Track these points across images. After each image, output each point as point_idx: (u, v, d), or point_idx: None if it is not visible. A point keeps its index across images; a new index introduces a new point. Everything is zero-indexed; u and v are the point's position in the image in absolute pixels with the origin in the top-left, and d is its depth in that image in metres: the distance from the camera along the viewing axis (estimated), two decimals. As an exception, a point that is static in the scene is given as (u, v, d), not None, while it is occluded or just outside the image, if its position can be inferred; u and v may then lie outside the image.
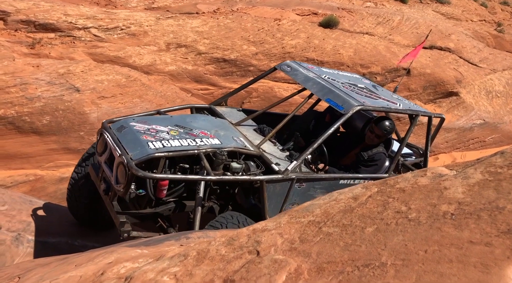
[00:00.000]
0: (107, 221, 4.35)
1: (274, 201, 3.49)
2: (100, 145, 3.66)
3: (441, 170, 1.48)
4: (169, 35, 8.57)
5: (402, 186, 1.45)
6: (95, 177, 3.78)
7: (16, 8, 7.63)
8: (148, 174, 3.16)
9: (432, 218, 1.21)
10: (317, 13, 10.90)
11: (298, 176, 3.54)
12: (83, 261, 2.43)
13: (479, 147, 10.31)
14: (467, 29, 13.67)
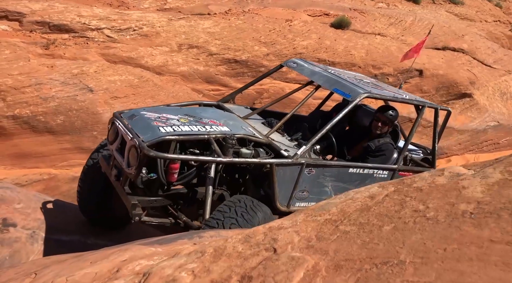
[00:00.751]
0: (118, 220, 4.38)
1: (284, 187, 3.49)
2: (112, 133, 3.67)
3: (459, 170, 1.47)
4: (181, 36, 8.62)
5: (419, 185, 1.44)
6: (106, 167, 3.75)
7: (31, 9, 7.75)
8: (160, 153, 3.17)
9: (450, 217, 1.20)
10: (329, 14, 10.88)
11: (308, 161, 3.55)
12: (98, 258, 2.46)
13: (492, 149, 10.18)
14: (481, 30, 13.52)
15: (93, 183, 4.08)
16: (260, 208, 3.21)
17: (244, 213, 3.06)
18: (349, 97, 3.79)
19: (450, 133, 9.87)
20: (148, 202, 3.39)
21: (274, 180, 3.43)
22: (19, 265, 3.21)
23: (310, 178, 3.65)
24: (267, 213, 3.27)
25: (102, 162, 3.86)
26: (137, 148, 3.20)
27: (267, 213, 3.28)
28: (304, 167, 3.55)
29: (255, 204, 3.19)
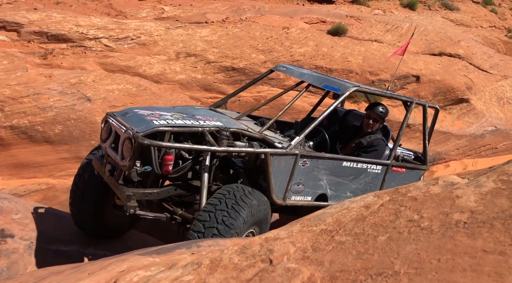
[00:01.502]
0: (113, 230, 4.35)
1: (279, 179, 3.50)
2: (105, 132, 3.65)
3: (453, 178, 1.48)
4: (178, 44, 8.66)
5: (414, 195, 1.45)
6: (99, 166, 3.71)
7: (29, 19, 7.78)
8: (154, 141, 3.16)
9: (444, 226, 1.21)
10: (326, 21, 10.94)
11: (302, 153, 3.60)
12: (95, 269, 2.46)
13: (490, 154, 10.20)
14: (477, 36, 13.60)
15: (85, 194, 4.04)
16: (252, 196, 3.18)
17: (235, 204, 3.06)
18: (339, 91, 3.90)
19: (448, 138, 9.90)
20: (143, 194, 3.33)
21: (269, 171, 3.42)
22: (17, 276, 3.20)
23: (305, 170, 3.66)
24: (261, 200, 3.25)
25: (95, 163, 3.81)
26: (131, 139, 3.17)
27: (261, 200, 3.27)
28: (299, 158, 3.58)
29: (246, 193, 3.17)
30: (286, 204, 3.65)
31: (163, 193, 3.42)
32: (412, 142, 9.57)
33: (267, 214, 3.37)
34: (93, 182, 3.99)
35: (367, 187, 4.20)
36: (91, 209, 4.09)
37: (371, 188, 4.23)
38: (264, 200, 3.30)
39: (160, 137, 3.30)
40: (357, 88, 3.96)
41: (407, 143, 9.48)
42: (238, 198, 3.09)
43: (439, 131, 9.77)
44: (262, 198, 3.26)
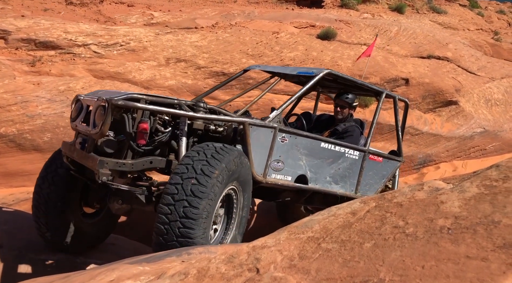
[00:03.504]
0: (86, 241, 4.00)
1: (259, 153, 3.47)
2: (74, 111, 3.51)
3: (438, 184, 1.49)
4: (168, 50, 8.65)
5: (399, 201, 1.46)
6: (68, 148, 3.47)
7: (17, 26, 7.72)
8: (129, 102, 3.07)
9: (429, 232, 1.22)
10: (315, 25, 11.01)
11: (280, 127, 3.63)
12: (85, 279, 2.44)
13: (480, 155, 10.31)
14: (464, 38, 13.76)
15: (50, 198, 3.70)
16: (231, 149, 3.09)
17: (215, 153, 2.95)
18: (313, 73, 4.05)
19: (438, 140, 9.98)
20: (116, 164, 3.10)
21: (248, 142, 3.38)
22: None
23: (284, 147, 3.68)
24: (240, 153, 3.16)
25: (64, 145, 3.57)
26: (104, 104, 3.06)
27: (241, 153, 3.18)
28: (277, 132, 3.58)
29: (225, 147, 3.08)
30: (267, 181, 3.58)
31: (137, 165, 3.18)
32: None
33: (245, 168, 3.24)
34: (59, 185, 3.68)
35: (346, 173, 4.23)
36: (59, 219, 3.73)
37: (349, 175, 4.26)
38: (239, 153, 3.17)
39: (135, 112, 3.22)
40: (330, 71, 4.11)
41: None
42: (209, 157, 2.92)
43: (429, 133, 9.86)
44: (235, 152, 3.12)
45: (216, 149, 2.97)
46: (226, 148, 3.04)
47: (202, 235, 2.84)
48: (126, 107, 3.09)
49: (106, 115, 3.03)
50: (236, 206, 3.32)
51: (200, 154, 2.92)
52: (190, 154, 2.96)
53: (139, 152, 3.22)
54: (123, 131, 3.20)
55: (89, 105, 3.37)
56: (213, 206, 2.91)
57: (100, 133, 3.08)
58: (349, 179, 4.30)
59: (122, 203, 3.46)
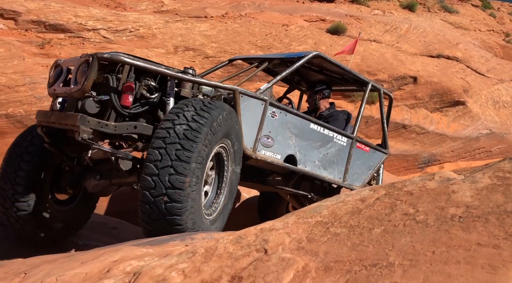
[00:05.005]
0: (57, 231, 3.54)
1: (249, 125, 3.34)
2: (53, 76, 3.24)
3: (449, 174, 1.49)
4: (177, 38, 8.63)
5: (409, 189, 1.46)
6: (44, 114, 3.16)
7: (27, 8, 7.72)
8: (114, 55, 2.88)
9: (440, 220, 1.22)
10: (325, 19, 10.95)
11: (271, 100, 3.56)
12: (88, 258, 2.45)
13: (485, 157, 10.27)
14: (475, 39, 13.65)
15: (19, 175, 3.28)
16: (214, 105, 2.83)
17: (195, 116, 2.69)
18: (302, 55, 4.00)
19: (443, 140, 9.95)
20: (98, 124, 2.83)
21: (238, 112, 3.24)
22: (9, 264, 3.19)
23: (274, 123, 3.61)
24: (224, 108, 2.91)
25: (38, 113, 3.25)
26: (89, 58, 2.86)
27: (225, 109, 2.92)
28: (268, 105, 3.50)
29: (207, 104, 2.80)
30: (256, 157, 3.46)
31: (121, 128, 2.91)
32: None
33: (235, 123, 3.05)
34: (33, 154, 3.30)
35: (334, 159, 4.20)
36: (28, 196, 3.29)
37: (337, 162, 4.23)
38: (228, 109, 2.97)
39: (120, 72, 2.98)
40: (319, 53, 4.09)
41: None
42: (191, 119, 2.67)
43: (435, 133, 9.82)
44: (225, 107, 2.92)
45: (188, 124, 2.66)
46: (204, 111, 2.75)
47: (191, 208, 2.61)
48: (112, 60, 2.88)
49: (90, 69, 2.82)
50: (227, 164, 3.11)
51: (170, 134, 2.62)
52: (160, 133, 2.66)
53: (123, 115, 2.95)
54: (107, 93, 2.94)
55: (70, 68, 3.13)
56: (202, 169, 2.67)
57: (82, 89, 2.84)
58: (337, 166, 4.25)
59: (100, 178, 3.23)
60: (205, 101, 2.83)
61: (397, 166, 9.53)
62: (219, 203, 3.11)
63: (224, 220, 3.20)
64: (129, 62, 2.90)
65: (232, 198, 3.23)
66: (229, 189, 3.15)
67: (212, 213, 3.05)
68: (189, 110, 2.70)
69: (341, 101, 9.36)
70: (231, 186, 3.17)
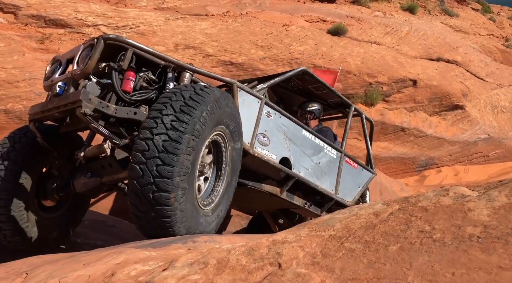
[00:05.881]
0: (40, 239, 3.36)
1: (246, 121, 3.30)
2: (50, 70, 3.21)
3: (464, 191, 1.49)
4: (177, 35, 8.59)
5: (424, 205, 1.45)
6: (39, 107, 3.09)
7: (27, 2, 7.66)
8: (120, 37, 2.90)
9: (457, 239, 1.21)
10: (326, 20, 10.94)
11: (266, 100, 3.59)
12: (91, 260, 2.43)
13: (482, 162, 10.32)
14: (474, 43, 13.70)
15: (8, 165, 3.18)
16: (205, 92, 2.73)
17: (183, 106, 2.60)
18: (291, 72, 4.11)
19: (441, 144, 9.99)
20: (100, 103, 2.77)
21: (236, 104, 3.22)
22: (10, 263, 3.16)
23: (270, 123, 3.64)
24: (216, 95, 2.80)
25: (32, 107, 3.18)
26: (94, 41, 2.85)
27: (217, 95, 2.80)
28: (263, 104, 3.54)
29: (197, 91, 2.70)
30: (254, 153, 3.44)
31: (121, 111, 2.84)
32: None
33: (232, 109, 2.96)
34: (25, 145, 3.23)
35: (325, 170, 4.22)
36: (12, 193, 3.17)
37: (329, 173, 4.26)
38: (224, 95, 2.88)
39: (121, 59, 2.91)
40: (306, 69, 4.18)
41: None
42: (178, 109, 2.58)
43: (433, 136, 9.86)
44: (217, 93, 2.81)
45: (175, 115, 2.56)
46: (193, 100, 2.65)
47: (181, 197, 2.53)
48: (118, 41, 2.86)
49: (94, 49, 2.82)
50: (226, 159, 3.04)
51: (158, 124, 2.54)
52: (147, 123, 2.58)
53: (124, 100, 2.89)
54: (109, 75, 2.90)
55: (69, 58, 3.11)
56: (194, 160, 2.59)
57: (85, 68, 2.82)
58: (329, 177, 4.27)
59: (91, 176, 3.14)
60: (198, 87, 2.74)
61: (395, 168, 9.56)
62: (221, 185, 3.04)
63: (230, 199, 3.14)
64: (133, 44, 2.89)
65: (236, 174, 3.15)
66: (231, 167, 3.08)
67: (214, 200, 2.98)
68: (178, 100, 2.62)
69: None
70: (233, 163, 3.09)
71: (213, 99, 2.71)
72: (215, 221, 2.99)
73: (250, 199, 4.17)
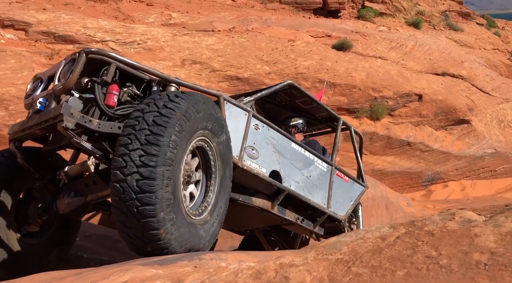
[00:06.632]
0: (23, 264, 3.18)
1: (233, 132, 3.23)
2: (31, 88, 3.15)
3: (470, 215, 1.50)
4: (184, 51, 8.70)
5: (430, 229, 1.46)
6: (19, 125, 3.01)
7: (37, 19, 7.81)
8: (101, 50, 2.84)
9: (464, 266, 1.22)
10: (331, 35, 11.03)
11: (254, 113, 3.52)
12: (98, 278, 2.44)
13: (489, 177, 10.25)
14: (480, 57, 13.72)
15: None
16: (181, 98, 2.63)
17: (157, 117, 2.51)
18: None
19: (448, 159, 9.95)
20: (82, 118, 2.68)
21: (224, 115, 3.17)
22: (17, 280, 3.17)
23: (258, 136, 3.57)
24: (197, 100, 2.72)
25: (12, 127, 3.09)
26: (75, 56, 2.79)
27: (196, 100, 2.71)
28: (251, 117, 3.47)
29: (172, 98, 2.61)
30: (243, 165, 3.36)
31: (104, 126, 2.76)
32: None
33: (205, 110, 2.81)
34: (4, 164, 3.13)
35: (316, 183, 4.14)
36: None
37: (320, 186, 4.19)
38: (201, 98, 2.77)
39: None
40: (292, 83, 4.16)
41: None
42: (151, 122, 2.50)
43: (439, 151, 9.83)
44: (191, 99, 2.70)
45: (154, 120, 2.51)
46: (168, 108, 2.57)
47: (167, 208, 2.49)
48: (100, 54, 2.79)
49: (76, 63, 2.75)
50: (213, 156, 2.96)
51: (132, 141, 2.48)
52: (122, 140, 2.51)
53: (107, 115, 2.81)
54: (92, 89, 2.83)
55: (50, 76, 3.03)
56: (174, 171, 2.53)
57: (67, 83, 2.76)
58: (320, 191, 4.18)
59: (74, 196, 3.02)
60: (174, 94, 2.67)
61: (401, 183, 9.52)
62: (215, 183, 2.97)
63: (227, 191, 3.06)
64: (116, 57, 2.82)
65: (228, 165, 3.07)
66: (221, 161, 3.00)
67: (208, 206, 2.92)
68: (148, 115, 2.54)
69: (345, 116, 9.38)
70: (222, 156, 3.01)
71: (179, 115, 2.59)
72: (216, 222, 2.93)
73: (241, 216, 4.05)
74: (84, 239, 4.48)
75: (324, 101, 9.00)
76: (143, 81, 3.01)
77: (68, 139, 2.73)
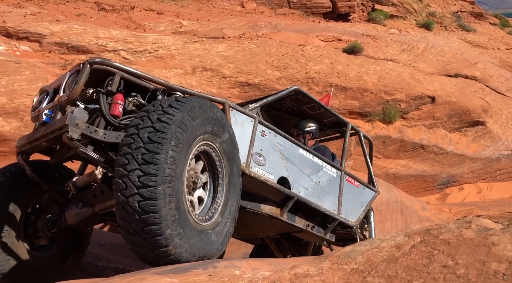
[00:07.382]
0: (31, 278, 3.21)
1: (240, 140, 3.21)
2: (37, 100, 3.18)
3: (487, 223, 1.47)
4: (195, 58, 8.76)
5: (446, 238, 1.44)
6: (26, 138, 3.05)
7: (51, 30, 7.95)
8: (106, 60, 2.87)
9: (482, 276, 1.20)
10: (341, 39, 11.00)
11: (260, 119, 3.51)
12: (114, 287, 2.45)
13: (506, 179, 10.08)
14: (493, 58, 13.54)
15: None
16: (175, 108, 2.61)
17: (161, 115, 2.53)
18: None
19: (463, 161, 9.82)
20: (87, 128, 2.70)
21: (229, 123, 3.15)
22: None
23: (264, 142, 3.54)
24: (192, 106, 2.69)
25: (19, 141, 3.10)
26: (80, 66, 2.82)
27: (191, 107, 2.69)
28: (257, 123, 3.45)
29: (166, 109, 2.60)
30: (250, 172, 3.34)
31: (110, 136, 2.77)
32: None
33: (203, 116, 2.78)
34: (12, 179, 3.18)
35: (326, 189, 4.08)
36: None
37: (330, 192, 4.12)
38: (196, 103, 2.74)
39: None
40: (298, 89, 4.14)
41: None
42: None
43: (454, 153, 9.71)
44: (188, 104, 2.68)
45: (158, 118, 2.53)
46: (172, 107, 2.59)
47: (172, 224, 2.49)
48: (104, 65, 2.82)
49: (80, 74, 2.77)
50: (217, 156, 2.94)
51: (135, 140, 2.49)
52: (125, 140, 2.51)
53: (113, 124, 2.82)
54: (97, 100, 2.87)
55: (56, 88, 3.07)
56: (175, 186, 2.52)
57: (72, 94, 2.77)
58: (330, 197, 4.11)
59: (82, 206, 3.03)
60: (177, 99, 2.69)
61: (415, 186, 9.41)
62: (223, 183, 2.96)
63: (237, 188, 3.04)
64: (120, 67, 2.85)
65: (235, 162, 3.04)
66: (226, 159, 2.99)
67: (218, 206, 2.91)
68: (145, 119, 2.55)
69: (358, 120, 9.33)
70: (227, 154, 2.99)
71: (175, 128, 2.56)
72: (228, 221, 2.92)
73: (250, 224, 4.02)
74: (99, 247, 4.52)
75: (336, 105, 8.97)
76: (148, 90, 3.02)
77: (75, 150, 2.75)
